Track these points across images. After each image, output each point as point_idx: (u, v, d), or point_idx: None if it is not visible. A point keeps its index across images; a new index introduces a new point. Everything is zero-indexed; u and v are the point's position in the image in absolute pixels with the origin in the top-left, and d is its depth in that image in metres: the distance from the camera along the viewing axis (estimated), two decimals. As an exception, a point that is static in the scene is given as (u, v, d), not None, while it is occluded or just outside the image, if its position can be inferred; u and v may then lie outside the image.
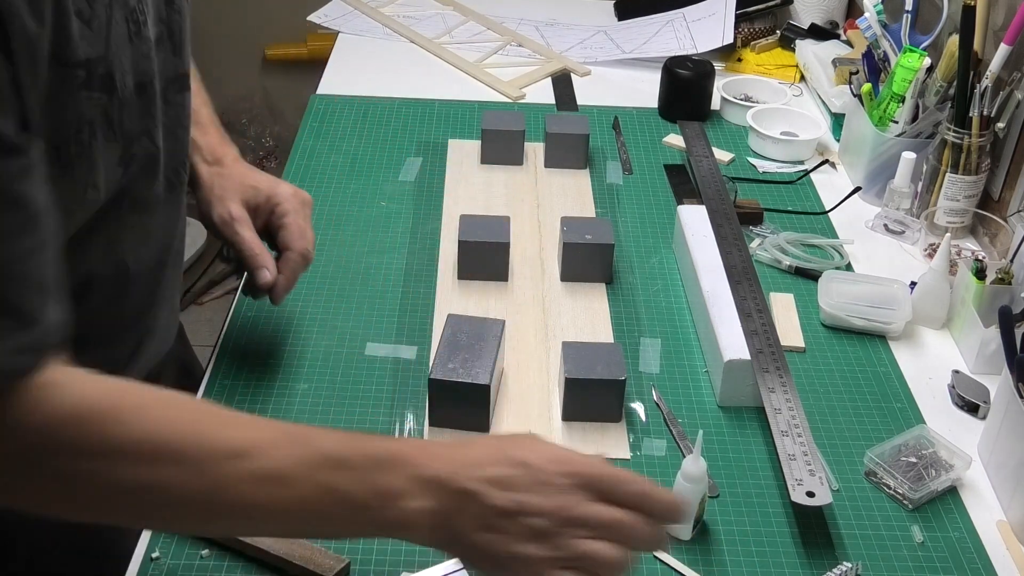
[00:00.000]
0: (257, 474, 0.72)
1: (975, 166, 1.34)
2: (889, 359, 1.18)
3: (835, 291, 1.24)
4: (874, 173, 1.46)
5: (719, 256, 1.24)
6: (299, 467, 0.73)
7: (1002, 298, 1.15)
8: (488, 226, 1.28)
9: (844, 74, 1.63)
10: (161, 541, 0.92)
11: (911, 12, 1.46)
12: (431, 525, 0.73)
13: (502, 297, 1.25)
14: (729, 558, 0.94)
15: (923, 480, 1.01)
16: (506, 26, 1.95)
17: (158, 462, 0.71)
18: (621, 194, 1.47)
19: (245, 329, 1.18)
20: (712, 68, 1.67)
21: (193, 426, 0.73)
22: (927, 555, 0.95)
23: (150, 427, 0.72)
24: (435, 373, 1.04)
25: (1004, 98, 1.32)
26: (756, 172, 1.53)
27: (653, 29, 1.93)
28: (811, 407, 1.10)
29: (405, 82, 1.73)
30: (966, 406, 1.12)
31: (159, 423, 0.72)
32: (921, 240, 1.38)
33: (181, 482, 0.71)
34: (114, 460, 0.71)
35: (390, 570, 0.91)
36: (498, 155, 1.51)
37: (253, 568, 0.90)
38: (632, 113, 1.68)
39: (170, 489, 0.72)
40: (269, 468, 0.72)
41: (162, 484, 0.71)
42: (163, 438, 0.72)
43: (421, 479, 0.73)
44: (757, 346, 1.10)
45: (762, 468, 1.04)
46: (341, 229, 1.36)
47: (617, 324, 1.21)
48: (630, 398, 1.10)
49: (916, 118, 1.42)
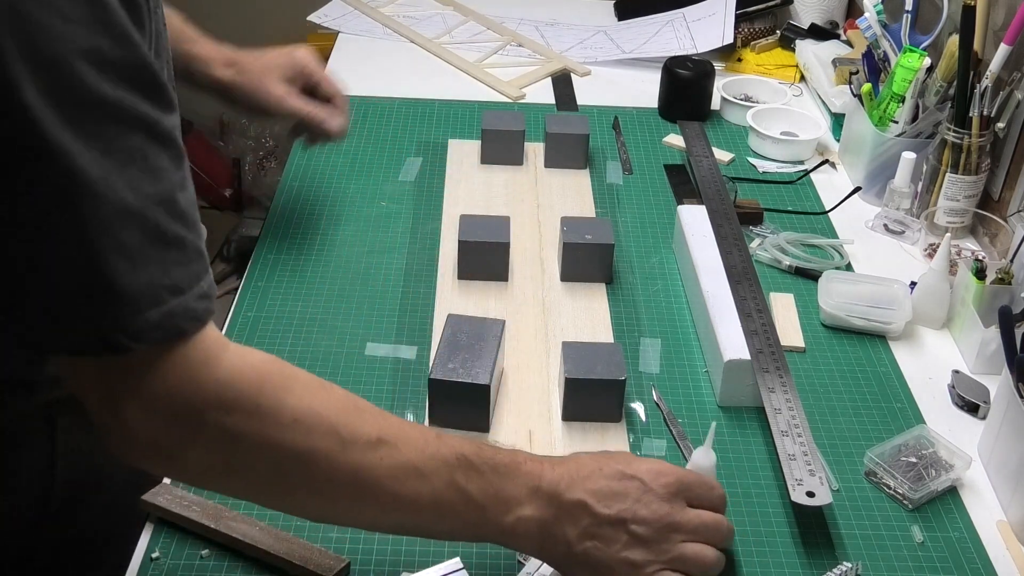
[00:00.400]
0: (399, 464, 0.78)
1: (975, 166, 1.34)
2: (889, 359, 1.18)
3: (835, 291, 1.24)
4: (874, 173, 1.46)
5: (719, 256, 1.24)
6: (436, 464, 0.79)
7: (1002, 298, 1.15)
8: (488, 226, 1.28)
9: (844, 74, 1.63)
10: (161, 541, 0.92)
11: (911, 12, 1.46)
12: (540, 533, 0.81)
13: (502, 297, 1.25)
14: (729, 558, 0.94)
15: (923, 480, 1.01)
16: (506, 26, 1.95)
17: (314, 434, 0.75)
18: (621, 194, 1.47)
19: (245, 329, 1.18)
20: (712, 68, 1.67)
21: (348, 411, 0.78)
22: (927, 555, 0.95)
23: (315, 403, 0.76)
24: (435, 373, 1.04)
25: (1004, 98, 1.32)
26: (756, 172, 1.53)
27: (653, 29, 1.93)
28: (811, 407, 1.10)
29: (405, 82, 1.73)
30: (966, 406, 1.12)
31: (321, 401, 0.77)
32: (921, 240, 1.38)
33: (330, 458, 0.76)
34: (281, 425, 0.74)
35: (390, 570, 0.91)
36: (498, 155, 1.51)
37: (253, 568, 0.90)
38: (632, 113, 1.68)
39: (319, 462, 0.76)
40: (411, 460, 0.78)
41: (315, 456, 0.75)
42: (324, 415, 0.76)
43: (537, 489, 0.81)
44: (757, 346, 1.10)
45: (762, 468, 1.03)
46: (341, 229, 1.36)
47: (617, 324, 1.21)
48: (630, 398, 1.10)
49: (916, 118, 1.42)
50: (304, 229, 1.36)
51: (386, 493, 0.78)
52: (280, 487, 0.78)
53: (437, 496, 0.79)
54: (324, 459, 0.76)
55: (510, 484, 0.80)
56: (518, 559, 0.92)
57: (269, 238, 1.34)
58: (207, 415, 0.72)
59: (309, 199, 1.42)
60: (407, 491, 0.78)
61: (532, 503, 0.80)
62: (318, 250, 1.32)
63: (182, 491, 0.95)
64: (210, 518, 0.92)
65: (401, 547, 0.93)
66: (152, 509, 0.94)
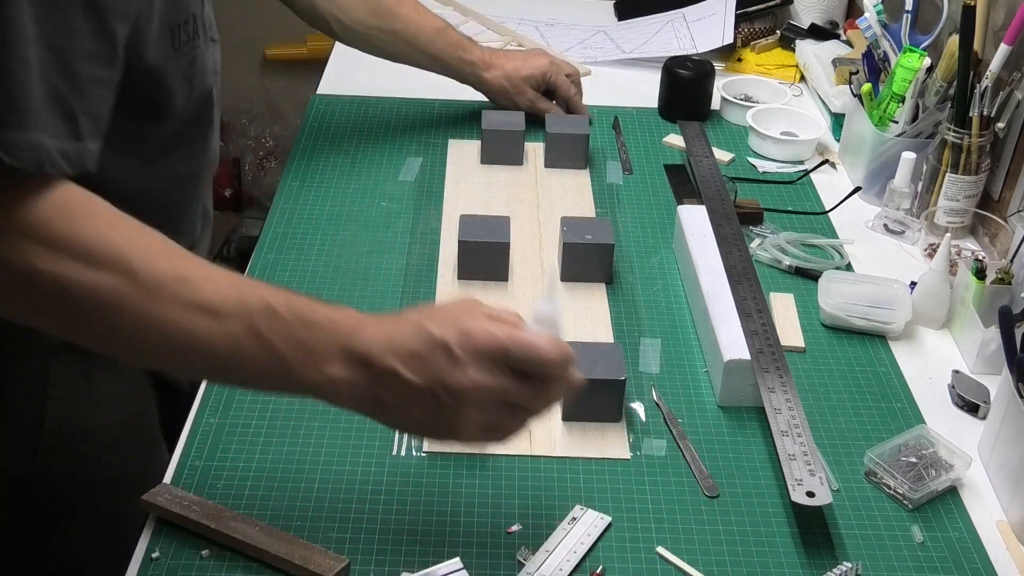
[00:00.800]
0: (194, 301, 0.77)
1: (975, 166, 1.34)
2: (889, 359, 1.18)
3: (835, 291, 1.24)
4: (874, 173, 1.46)
5: (719, 256, 1.24)
6: (234, 306, 0.77)
7: (1002, 298, 1.15)
8: (488, 226, 1.28)
9: (844, 74, 1.63)
10: (161, 541, 0.92)
11: (911, 12, 1.46)
12: (352, 395, 0.78)
13: (502, 297, 1.25)
14: (729, 558, 0.94)
15: (923, 480, 1.01)
16: (506, 26, 1.95)
17: (103, 267, 0.76)
18: (621, 194, 1.47)
19: (245, 329, 1.18)
20: (712, 68, 1.67)
21: (151, 249, 0.79)
22: (927, 555, 0.95)
23: (114, 236, 0.77)
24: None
25: (1004, 98, 1.32)
26: (756, 172, 1.53)
27: (653, 29, 1.93)
28: (811, 407, 1.10)
29: (405, 82, 1.72)
30: (966, 406, 1.12)
31: (123, 235, 0.78)
32: (921, 240, 1.38)
33: (118, 292, 0.76)
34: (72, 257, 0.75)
35: (390, 570, 0.91)
36: (498, 155, 1.51)
37: (253, 568, 0.90)
38: (632, 113, 1.68)
39: (106, 295, 0.76)
40: (208, 300, 0.77)
41: (100, 288, 0.76)
42: (120, 248, 0.77)
43: (348, 349, 0.78)
44: (757, 346, 1.10)
45: (762, 468, 1.04)
46: (341, 229, 1.36)
47: (617, 324, 1.21)
48: (630, 398, 1.10)
49: (916, 118, 1.42)
50: (304, 229, 1.36)
51: (177, 330, 0.77)
52: (70, 321, 0.79)
53: (233, 339, 0.77)
54: (112, 292, 0.76)
55: (318, 338, 0.78)
56: (518, 559, 0.92)
57: (269, 238, 1.34)
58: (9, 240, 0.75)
59: (309, 199, 1.42)
60: (199, 330, 0.77)
61: (342, 364, 0.78)
62: (318, 250, 1.32)
63: (182, 491, 0.95)
64: (210, 518, 0.92)
65: (401, 547, 0.93)
66: (152, 509, 0.94)
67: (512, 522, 0.96)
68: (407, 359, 0.77)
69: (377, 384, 0.78)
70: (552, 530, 0.95)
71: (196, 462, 1.00)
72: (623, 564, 0.93)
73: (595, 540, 0.94)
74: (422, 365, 0.77)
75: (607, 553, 0.94)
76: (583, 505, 0.98)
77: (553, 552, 0.92)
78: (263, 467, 1.00)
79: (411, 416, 0.79)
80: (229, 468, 1.00)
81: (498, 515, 0.97)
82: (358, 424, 1.06)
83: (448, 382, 0.77)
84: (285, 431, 1.04)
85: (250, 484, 0.98)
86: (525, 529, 0.95)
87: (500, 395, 0.78)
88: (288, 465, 1.01)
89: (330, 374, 0.78)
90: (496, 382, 0.77)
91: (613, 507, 0.98)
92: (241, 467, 1.00)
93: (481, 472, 1.01)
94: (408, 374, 0.77)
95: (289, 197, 1.42)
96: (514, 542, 0.94)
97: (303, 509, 0.96)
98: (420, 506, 0.97)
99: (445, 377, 0.77)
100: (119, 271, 0.76)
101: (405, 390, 0.77)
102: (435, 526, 0.95)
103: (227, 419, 1.05)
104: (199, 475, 0.99)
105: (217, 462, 1.00)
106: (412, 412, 0.79)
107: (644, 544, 0.95)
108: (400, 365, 0.77)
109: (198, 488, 0.97)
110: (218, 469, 1.00)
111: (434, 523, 0.96)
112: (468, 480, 1.00)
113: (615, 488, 1.00)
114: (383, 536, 0.94)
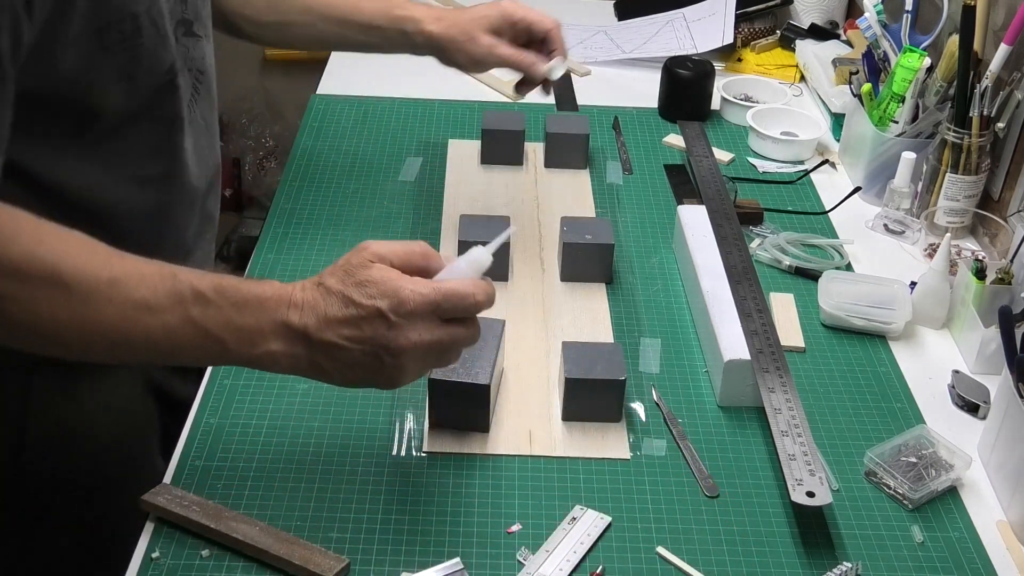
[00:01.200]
0: (128, 300, 0.79)
1: (975, 166, 1.34)
2: (889, 359, 1.18)
3: (835, 291, 1.24)
4: (874, 173, 1.46)
5: (719, 256, 1.24)
6: (166, 299, 0.80)
7: (1002, 298, 1.15)
8: (488, 226, 1.27)
9: (844, 74, 1.63)
10: (161, 541, 0.92)
11: (911, 12, 1.46)
12: (292, 365, 0.83)
13: (502, 297, 1.24)
14: (729, 558, 0.94)
15: (923, 480, 1.01)
16: (506, 26, 1.95)
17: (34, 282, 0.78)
18: (621, 194, 1.47)
19: (245, 329, 1.18)
20: (712, 68, 1.67)
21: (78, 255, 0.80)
22: (927, 555, 0.95)
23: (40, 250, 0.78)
24: (435, 373, 1.04)
25: (1004, 98, 1.32)
26: (756, 172, 1.53)
27: (653, 29, 1.93)
28: (811, 407, 1.10)
29: (405, 82, 1.72)
30: (966, 406, 1.12)
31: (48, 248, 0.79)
32: (921, 240, 1.38)
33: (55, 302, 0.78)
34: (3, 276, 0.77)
35: (390, 570, 0.91)
36: (498, 155, 1.51)
37: (253, 568, 0.90)
38: (632, 113, 1.68)
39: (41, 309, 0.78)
40: (139, 295, 0.80)
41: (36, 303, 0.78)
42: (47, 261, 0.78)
43: (284, 325, 0.81)
44: (757, 346, 1.10)
45: (762, 468, 1.04)
46: (341, 229, 1.36)
47: (617, 324, 1.21)
48: (630, 398, 1.10)
49: (916, 118, 1.42)
50: (304, 229, 1.36)
51: (116, 330, 0.80)
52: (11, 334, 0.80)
53: (171, 331, 0.80)
54: (48, 305, 0.78)
55: (251, 318, 0.81)
56: (518, 559, 0.92)
57: (269, 238, 1.34)
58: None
59: (309, 199, 1.42)
60: (138, 327, 0.80)
61: (280, 339, 0.82)
62: (318, 250, 1.32)
63: (182, 491, 0.95)
64: (210, 518, 0.92)
65: (401, 547, 0.93)
66: (152, 509, 0.94)
67: (512, 522, 0.96)
68: (344, 331, 0.81)
69: (316, 354, 0.82)
70: (552, 530, 0.95)
71: (196, 462, 1.00)
72: (623, 564, 0.93)
73: (595, 540, 0.94)
74: (360, 334, 0.81)
75: (607, 553, 0.94)
76: (583, 505, 0.98)
77: (553, 552, 0.92)
78: (263, 467, 1.00)
79: (353, 376, 0.83)
80: (229, 468, 1.00)
81: (498, 515, 0.97)
82: (358, 424, 1.06)
83: (388, 344, 0.81)
84: (285, 431, 1.04)
85: (250, 484, 0.98)
86: (525, 529, 0.95)
87: (437, 345, 0.82)
88: (288, 465, 1.01)
89: (269, 349, 0.82)
90: (432, 335, 0.82)
91: (613, 507, 0.98)
92: (241, 467, 1.00)
93: (481, 472, 1.01)
94: (348, 344, 0.81)
95: (289, 197, 1.42)
96: (514, 542, 0.94)
97: (303, 509, 0.96)
98: (420, 506, 0.97)
99: (384, 342, 0.81)
100: (51, 284, 0.78)
101: (346, 356, 0.81)
102: (435, 526, 0.95)
103: (227, 419, 1.05)
104: (199, 475, 0.99)
105: (217, 462, 1.00)
106: (354, 373, 0.83)
107: (644, 544, 0.95)
108: (338, 338, 0.81)
109: (198, 488, 0.97)
110: (218, 469, 1.00)
111: (434, 523, 0.96)
112: (468, 480, 1.00)
113: (615, 488, 1.00)
114: (383, 536, 0.94)
